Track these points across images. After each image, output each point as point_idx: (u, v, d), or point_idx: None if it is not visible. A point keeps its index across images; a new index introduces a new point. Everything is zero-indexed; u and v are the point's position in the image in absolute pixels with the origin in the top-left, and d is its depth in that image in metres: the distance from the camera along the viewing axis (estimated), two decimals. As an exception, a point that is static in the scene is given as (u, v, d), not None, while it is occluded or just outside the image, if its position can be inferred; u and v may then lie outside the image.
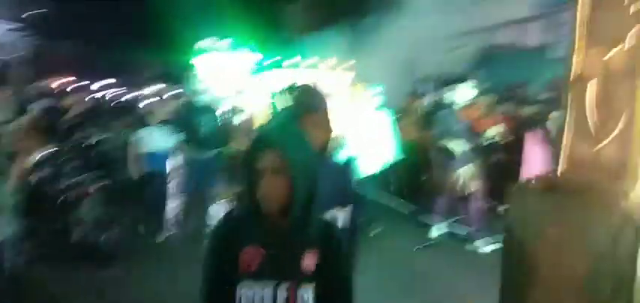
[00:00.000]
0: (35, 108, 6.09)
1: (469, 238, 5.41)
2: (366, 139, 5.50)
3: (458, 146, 5.15)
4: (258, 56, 8.08)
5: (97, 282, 4.41)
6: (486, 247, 5.15)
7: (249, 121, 6.44)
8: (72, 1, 20.78)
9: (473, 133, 5.39)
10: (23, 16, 18.40)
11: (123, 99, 18.53)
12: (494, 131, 5.85)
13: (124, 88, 22.72)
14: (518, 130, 5.76)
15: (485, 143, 5.44)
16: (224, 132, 5.91)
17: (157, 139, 5.49)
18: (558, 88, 8.05)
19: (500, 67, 9.65)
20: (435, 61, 12.30)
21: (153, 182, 5.51)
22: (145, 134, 5.53)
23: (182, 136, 5.63)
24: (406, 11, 10.10)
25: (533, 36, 10.22)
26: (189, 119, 5.71)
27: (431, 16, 11.96)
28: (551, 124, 5.35)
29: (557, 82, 8.13)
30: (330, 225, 1.57)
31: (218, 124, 5.81)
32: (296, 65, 7.87)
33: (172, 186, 6.19)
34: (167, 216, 5.67)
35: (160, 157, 5.49)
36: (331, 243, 1.47)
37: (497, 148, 6.13)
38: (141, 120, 5.67)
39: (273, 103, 7.28)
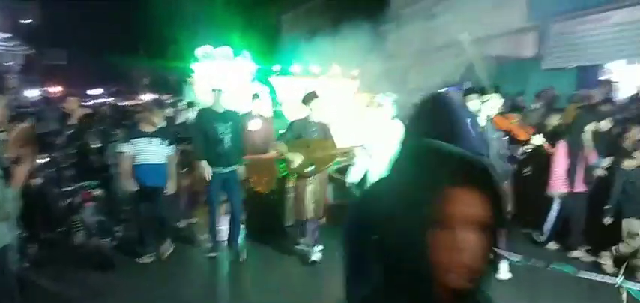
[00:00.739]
0: (30, 116, 6.11)
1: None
2: (383, 151, 5.12)
3: (495, 159, 4.64)
4: (256, 65, 8.10)
5: (97, 287, 4.43)
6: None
7: (263, 132, 6.17)
8: (64, 9, 20.80)
9: (508, 144, 5.04)
10: (15, 25, 18.41)
11: (119, 106, 18.47)
12: (539, 141, 5.29)
13: (120, 95, 22.70)
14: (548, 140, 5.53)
15: (521, 156, 5.10)
16: (238, 144, 5.32)
17: (154, 150, 5.04)
18: (548, 97, 8.13)
19: (494, 76, 9.80)
20: (428, 70, 12.49)
21: (147, 198, 5.01)
22: (141, 144, 5.01)
23: (198, 148, 5.18)
24: (403, 21, 10.19)
25: (527, 47, 10.39)
26: (202, 128, 5.15)
27: (427, 26, 12.12)
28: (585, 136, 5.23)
29: (547, 92, 8.37)
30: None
31: (233, 135, 5.15)
32: (300, 73, 7.80)
33: (180, 200, 6.18)
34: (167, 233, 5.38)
35: (156, 170, 5.03)
36: None
37: (529, 161, 5.77)
38: (137, 129, 5.20)
39: (277, 110, 7.36)
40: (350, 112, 7.29)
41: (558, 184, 5.41)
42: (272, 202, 6.12)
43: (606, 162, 5.41)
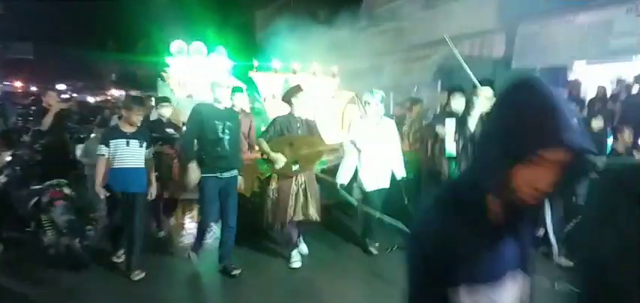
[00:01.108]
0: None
1: None
2: (375, 150, 5.12)
3: None
4: (231, 61, 8.01)
5: (69, 288, 4.30)
6: None
7: (245, 129, 5.89)
8: (31, 1, 20.02)
9: None
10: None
11: (90, 103, 17.93)
12: None
13: (88, 91, 22.04)
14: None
15: None
16: (239, 146, 4.83)
17: (133, 152, 4.45)
18: None
19: (463, 76, 10.01)
20: (400, 70, 12.65)
21: (125, 205, 4.41)
22: (120, 146, 4.39)
23: (190, 148, 4.48)
24: (376, 20, 10.25)
25: (498, 48, 10.64)
26: (199, 127, 4.43)
27: (400, 26, 12.26)
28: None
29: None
30: None
31: (233, 135, 4.55)
32: (280, 69, 7.57)
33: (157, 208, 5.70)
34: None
35: (135, 175, 4.46)
36: None
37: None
38: (115, 129, 4.60)
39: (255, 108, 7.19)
40: (331, 110, 7.23)
41: None
42: (255, 206, 5.62)
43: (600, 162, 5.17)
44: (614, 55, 8.56)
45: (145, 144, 4.56)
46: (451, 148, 5.28)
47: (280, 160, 4.70)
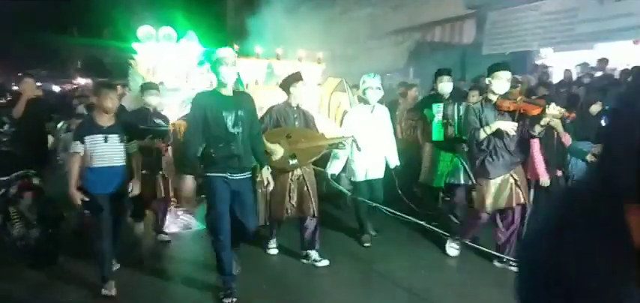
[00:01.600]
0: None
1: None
2: (369, 139, 4.75)
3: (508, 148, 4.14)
4: (202, 47, 7.80)
5: (38, 281, 4.12)
6: None
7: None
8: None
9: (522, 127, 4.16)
10: None
11: (56, 92, 17.24)
12: (556, 110, 3.87)
13: (52, 80, 21.20)
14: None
15: (539, 134, 4.10)
16: (248, 143, 3.73)
17: (112, 148, 3.78)
18: (478, 84, 8.43)
19: (435, 62, 10.14)
20: (375, 56, 12.68)
21: (103, 208, 3.74)
22: (96, 142, 3.72)
23: (194, 147, 3.61)
24: (354, 6, 10.15)
25: (468, 32, 10.81)
26: (203, 119, 3.54)
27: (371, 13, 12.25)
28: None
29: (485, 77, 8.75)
30: None
31: (246, 126, 3.65)
32: (261, 55, 7.14)
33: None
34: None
35: (114, 175, 3.81)
36: None
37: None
38: (90, 122, 3.90)
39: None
40: (317, 97, 6.89)
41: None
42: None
43: (597, 148, 4.96)
44: (578, 41, 8.83)
45: (125, 138, 3.90)
46: (438, 133, 5.15)
47: (277, 151, 4.22)
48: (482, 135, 4.05)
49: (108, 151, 3.77)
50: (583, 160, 5.05)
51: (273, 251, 4.76)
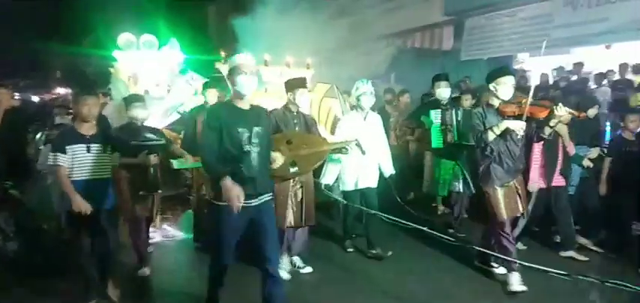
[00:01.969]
0: None
1: None
2: (364, 147, 4.43)
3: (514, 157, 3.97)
4: (184, 54, 7.69)
5: (15, 296, 3.97)
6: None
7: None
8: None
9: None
10: None
11: (35, 102, 16.84)
12: (564, 111, 3.71)
13: (34, 90, 20.73)
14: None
15: (549, 136, 4.00)
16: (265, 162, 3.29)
17: (95, 160, 3.50)
18: (466, 86, 8.54)
19: (415, 68, 10.24)
20: (356, 62, 12.70)
21: (87, 225, 3.48)
22: (79, 153, 3.44)
23: (213, 159, 3.08)
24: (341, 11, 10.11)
25: (447, 39, 10.93)
26: (217, 134, 3.07)
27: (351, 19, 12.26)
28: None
29: (465, 81, 8.87)
30: None
31: (263, 145, 3.18)
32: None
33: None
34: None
35: (98, 189, 3.50)
36: None
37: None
38: (71, 131, 3.60)
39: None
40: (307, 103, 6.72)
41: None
42: None
43: (593, 152, 4.98)
44: (554, 46, 8.99)
45: (109, 148, 3.63)
46: (437, 139, 4.96)
47: (278, 159, 3.71)
48: (492, 136, 3.82)
49: (91, 162, 3.48)
50: (579, 166, 4.90)
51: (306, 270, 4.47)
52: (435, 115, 4.99)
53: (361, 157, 4.49)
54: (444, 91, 5.04)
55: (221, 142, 3.03)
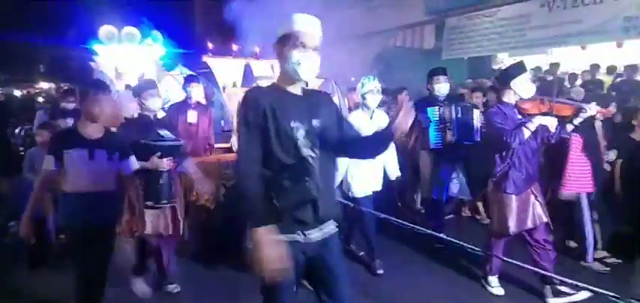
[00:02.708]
0: None
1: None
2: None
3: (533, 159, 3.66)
4: (169, 47, 7.50)
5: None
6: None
7: (203, 125, 4.81)
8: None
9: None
10: None
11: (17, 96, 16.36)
12: (594, 108, 3.55)
13: (16, 84, 20.16)
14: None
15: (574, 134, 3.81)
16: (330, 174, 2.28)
17: (99, 168, 2.90)
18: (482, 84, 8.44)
19: (398, 66, 10.21)
20: (337, 59, 12.64)
21: (89, 246, 2.83)
22: (79, 159, 2.84)
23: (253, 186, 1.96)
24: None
25: (428, 38, 10.94)
26: (258, 134, 2.00)
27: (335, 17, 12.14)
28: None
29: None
30: None
31: (326, 146, 2.09)
32: (240, 54, 6.64)
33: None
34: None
35: (101, 202, 2.90)
36: None
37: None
38: (72, 133, 2.98)
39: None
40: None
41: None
42: (220, 221, 4.49)
43: (612, 155, 4.57)
44: (530, 46, 9.06)
45: (116, 155, 2.96)
46: (436, 139, 4.60)
47: None
48: (527, 133, 3.42)
49: (94, 171, 2.83)
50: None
51: None
52: (433, 113, 4.57)
53: (372, 159, 3.81)
54: (442, 87, 4.59)
55: (266, 142, 1.96)
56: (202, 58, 6.76)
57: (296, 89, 2.12)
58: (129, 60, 6.96)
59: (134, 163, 3.11)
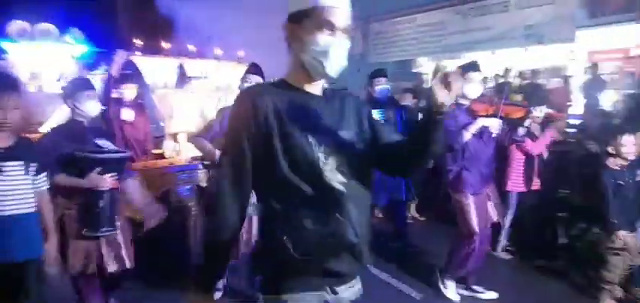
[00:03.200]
0: None
1: None
2: None
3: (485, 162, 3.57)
4: (88, 45, 6.93)
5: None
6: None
7: (142, 124, 4.45)
8: None
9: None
10: None
11: None
12: (541, 112, 3.89)
13: None
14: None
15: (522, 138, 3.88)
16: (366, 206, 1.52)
17: (12, 184, 2.31)
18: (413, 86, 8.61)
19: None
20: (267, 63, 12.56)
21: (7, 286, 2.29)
22: None
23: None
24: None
25: (356, 42, 11.28)
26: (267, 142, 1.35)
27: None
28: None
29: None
30: None
31: (353, 163, 1.41)
32: (173, 53, 6.24)
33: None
34: None
35: (18, 229, 2.31)
36: None
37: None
38: None
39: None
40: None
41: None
42: (176, 235, 3.93)
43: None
44: (447, 51, 9.72)
45: (33, 168, 2.40)
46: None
47: None
48: (468, 136, 3.36)
49: (3, 191, 2.27)
50: None
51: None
52: (377, 115, 4.33)
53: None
54: (384, 90, 4.50)
55: (273, 166, 1.34)
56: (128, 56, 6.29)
57: (315, 89, 1.45)
58: (45, 59, 6.31)
59: (45, 179, 2.49)
